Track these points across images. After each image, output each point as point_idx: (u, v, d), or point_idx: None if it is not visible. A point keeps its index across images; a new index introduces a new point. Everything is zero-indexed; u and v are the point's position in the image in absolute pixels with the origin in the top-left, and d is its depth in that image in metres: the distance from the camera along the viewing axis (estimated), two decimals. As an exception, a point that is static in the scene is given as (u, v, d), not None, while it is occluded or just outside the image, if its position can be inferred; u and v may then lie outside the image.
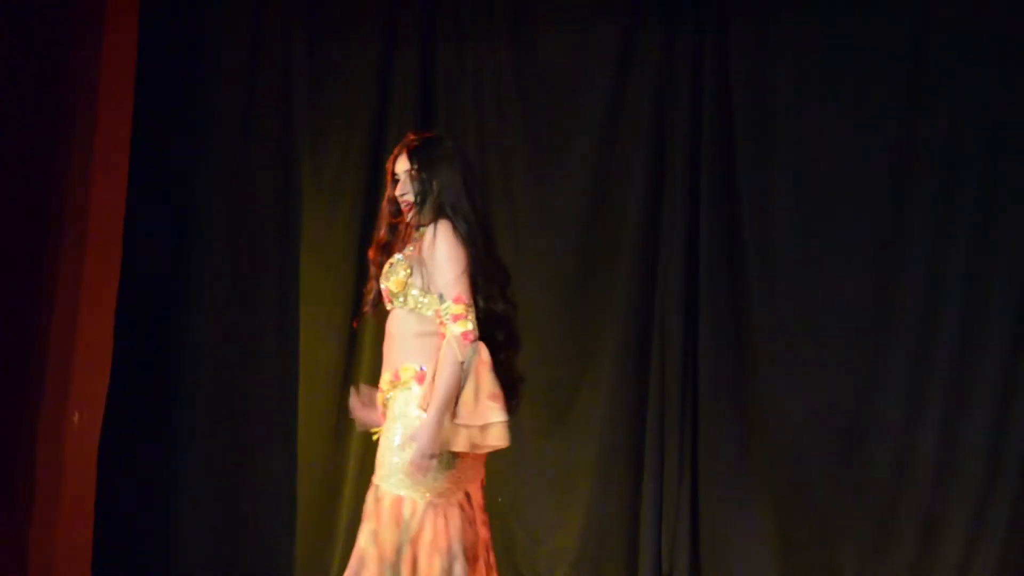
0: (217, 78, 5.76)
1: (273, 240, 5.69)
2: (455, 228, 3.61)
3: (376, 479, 3.65)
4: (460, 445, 3.55)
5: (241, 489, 5.62)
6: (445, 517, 3.58)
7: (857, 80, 5.04)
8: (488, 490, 5.31)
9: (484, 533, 3.74)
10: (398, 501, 3.57)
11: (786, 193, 5.08)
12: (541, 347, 5.28)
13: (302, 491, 5.55)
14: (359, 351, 5.53)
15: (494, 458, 5.34)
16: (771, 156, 5.11)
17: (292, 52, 5.69)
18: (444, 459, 3.56)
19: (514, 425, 5.25)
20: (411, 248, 3.70)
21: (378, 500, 3.60)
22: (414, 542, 3.54)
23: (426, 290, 3.60)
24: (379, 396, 3.73)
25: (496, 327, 3.64)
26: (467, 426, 3.54)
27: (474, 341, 3.53)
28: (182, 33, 5.74)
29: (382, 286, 3.72)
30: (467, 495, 3.70)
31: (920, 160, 4.96)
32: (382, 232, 3.79)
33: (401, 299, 3.65)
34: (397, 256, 3.70)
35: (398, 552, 3.53)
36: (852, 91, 5.05)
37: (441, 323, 3.55)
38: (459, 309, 3.53)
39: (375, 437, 3.77)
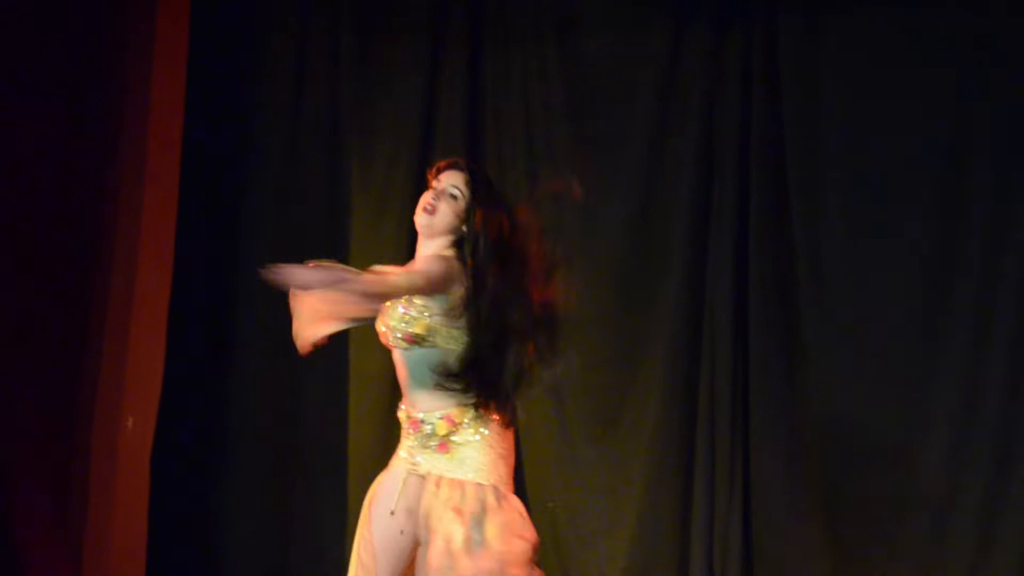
0: (265, 87, 5.78)
1: (322, 247, 5.69)
2: (455, 258, 3.56)
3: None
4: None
5: (292, 495, 5.64)
6: None
7: (909, 81, 5.00)
8: (538, 496, 5.37)
9: None
10: None
11: (837, 195, 5.04)
12: (590, 353, 5.27)
13: (353, 497, 5.56)
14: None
15: (545, 464, 5.39)
16: (822, 159, 5.08)
17: (340, 61, 5.70)
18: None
19: (564, 431, 5.35)
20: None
21: None
22: None
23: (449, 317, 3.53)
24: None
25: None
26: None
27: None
28: (231, 42, 5.77)
29: (382, 327, 3.64)
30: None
31: (974, 161, 4.91)
32: None
33: (430, 340, 3.58)
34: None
35: None
36: (904, 92, 5.00)
37: None
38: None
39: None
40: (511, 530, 3.45)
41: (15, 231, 5.34)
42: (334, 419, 5.61)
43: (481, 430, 3.54)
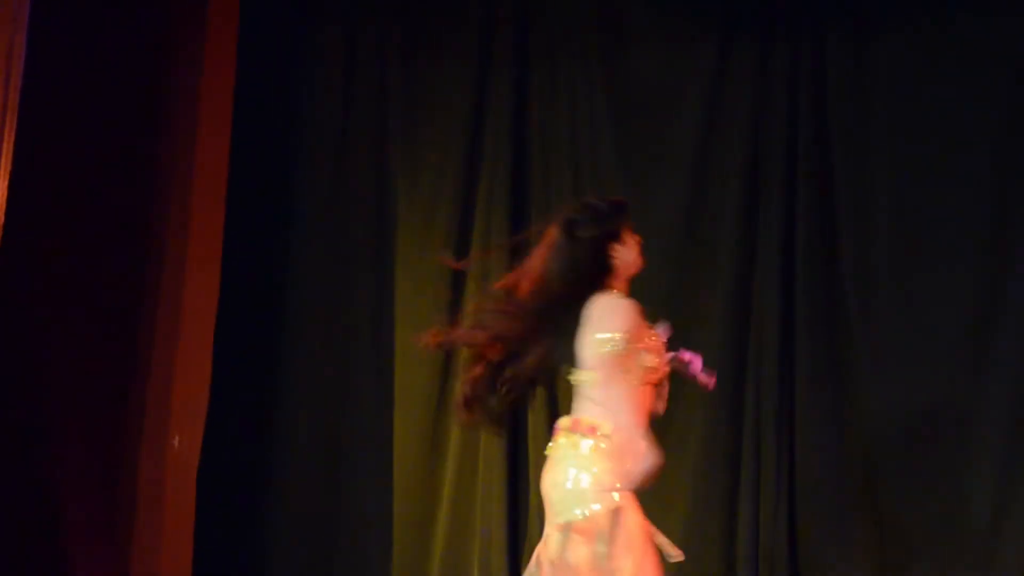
0: (313, 103, 5.82)
1: (368, 264, 5.72)
2: None
3: None
4: None
5: (338, 511, 5.63)
6: None
7: (956, 96, 4.99)
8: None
9: None
10: None
11: (884, 209, 5.04)
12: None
13: (398, 513, 5.54)
14: (453, 374, 5.53)
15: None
16: (868, 171, 5.07)
17: (387, 75, 5.74)
18: None
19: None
20: None
21: None
22: None
23: None
24: None
25: None
26: None
27: None
28: (279, 57, 5.82)
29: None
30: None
31: (1022, 178, 4.83)
32: None
33: None
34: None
35: None
36: (951, 107, 5.00)
37: None
38: None
39: None
40: None
41: (61, 250, 5.40)
42: (379, 436, 5.60)
43: None
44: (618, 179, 5.40)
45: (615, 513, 3.38)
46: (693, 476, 5.11)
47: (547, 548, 3.43)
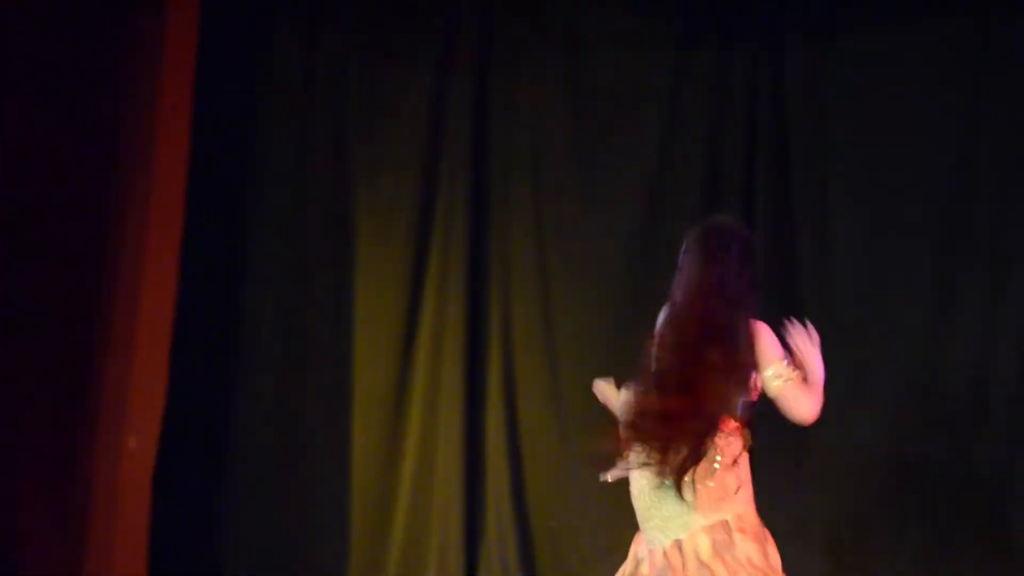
0: (273, 105, 5.79)
1: (328, 265, 5.71)
2: None
3: None
4: None
5: (295, 512, 5.62)
6: None
7: (913, 99, 5.02)
8: (541, 515, 5.34)
9: None
10: None
11: (842, 212, 5.07)
12: (595, 371, 5.24)
13: (356, 511, 5.55)
14: (412, 374, 5.54)
15: (547, 483, 5.37)
16: (826, 175, 5.09)
17: (348, 80, 5.72)
18: None
19: (567, 450, 5.33)
20: None
21: None
22: None
23: None
24: None
25: None
26: None
27: None
28: (240, 60, 5.79)
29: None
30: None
31: (977, 181, 4.91)
32: None
33: None
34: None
35: None
36: (908, 110, 5.01)
37: None
38: None
39: None
40: None
41: (19, 252, 5.35)
42: (338, 435, 5.60)
43: None
44: (577, 186, 5.43)
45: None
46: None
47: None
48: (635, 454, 3.40)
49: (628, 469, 3.47)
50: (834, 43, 5.13)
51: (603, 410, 5.22)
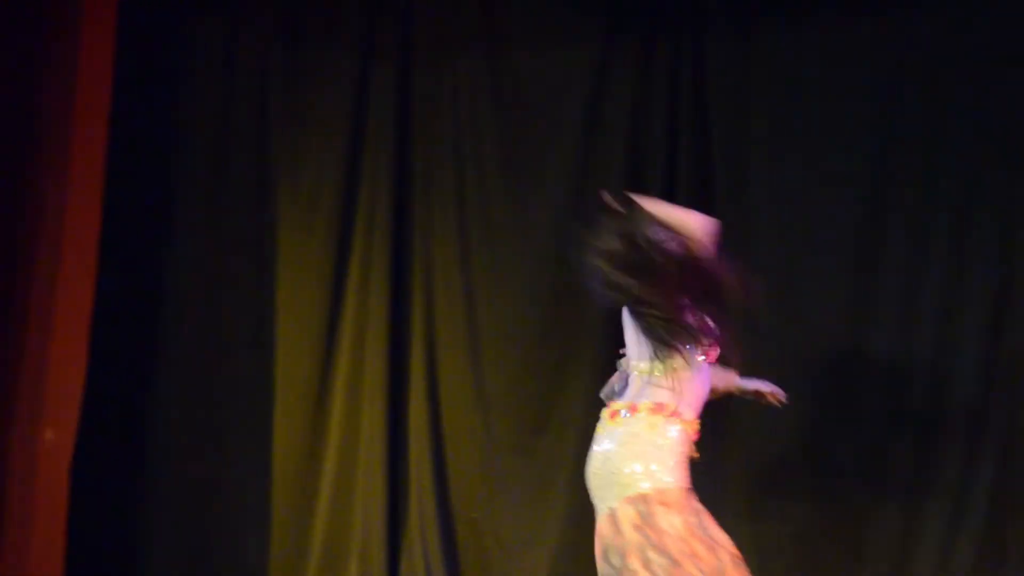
0: (194, 92, 5.74)
1: (250, 255, 5.67)
2: None
3: None
4: None
5: (215, 505, 5.58)
6: None
7: (833, 91, 5.05)
8: (463, 507, 5.35)
9: None
10: None
11: (764, 206, 5.09)
12: (516, 363, 5.28)
13: (277, 505, 5.52)
14: (335, 365, 5.53)
15: (469, 475, 5.38)
16: (748, 169, 5.13)
17: (269, 67, 5.68)
18: None
19: (489, 441, 5.35)
20: None
21: None
22: None
23: None
24: None
25: None
26: None
27: None
28: (159, 46, 5.73)
29: None
30: None
31: (898, 173, 4.96)
32: None
33: None
34: None
35: None
36: (828, 102, 5.05)
37: None
38: None
39: None
40: None
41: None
42: (259, 428, 5.56)
43: None
44: (500, 176, 5.43)
45: None
46: (571, 478, 5.03)
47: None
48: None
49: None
50: (756, 34, 5.16)
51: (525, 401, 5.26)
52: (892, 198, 4.97)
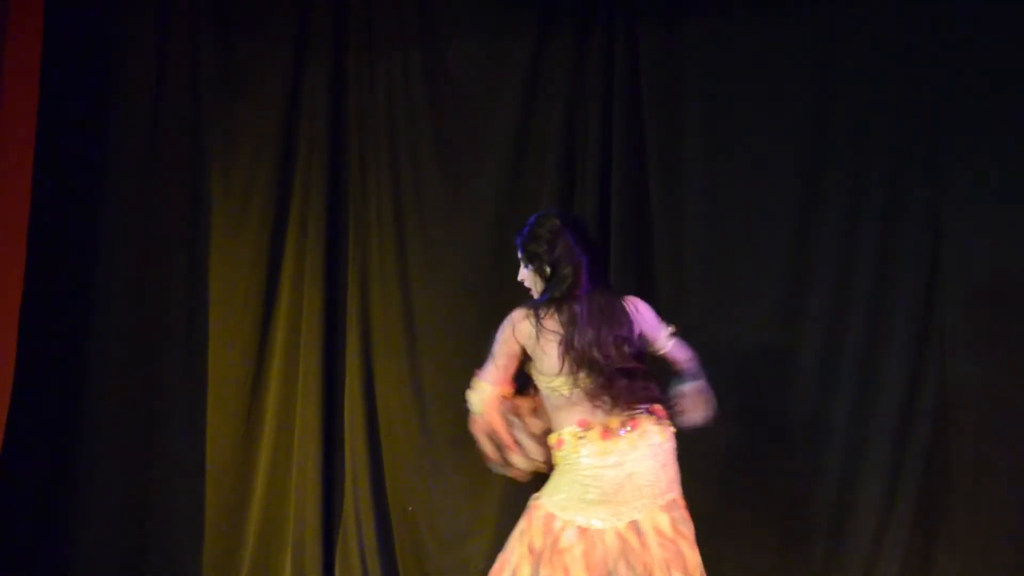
0: (125, 83, 5.68)
1: (181, 245, 5.63)
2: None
3: None
4: None
5: (147, 496, 5.55)
6: None
7: (766, 83, 5.09)
8: (399, 500, 5.35)
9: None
10: None
11: (698, 201, 5.12)
12: (450, 356, 5.27)
13: (210, 500, 5.49)
14: (269, 357, 5.50)
15: (405, 468, 5.37)
16: (682, 164, 5.15)
17: (201, 58, 5.64)
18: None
19: (425, 435, 5.35)
20: None
21: None
22: None
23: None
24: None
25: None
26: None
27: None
28: (89, 37, 5.66)
29: None
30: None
31: (830, 162, 5.01)
32: None
33: None
34: None
35: None
36: (762, 94, 5.09)
37: None
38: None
39: None
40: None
41: None
42: (191, 422, 5.54)
43: None
44: (435, 168, 5.44)
45: None
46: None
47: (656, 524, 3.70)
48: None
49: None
50: (688, 27, 5.19)
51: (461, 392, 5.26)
52: (826, 185, 5.01)
